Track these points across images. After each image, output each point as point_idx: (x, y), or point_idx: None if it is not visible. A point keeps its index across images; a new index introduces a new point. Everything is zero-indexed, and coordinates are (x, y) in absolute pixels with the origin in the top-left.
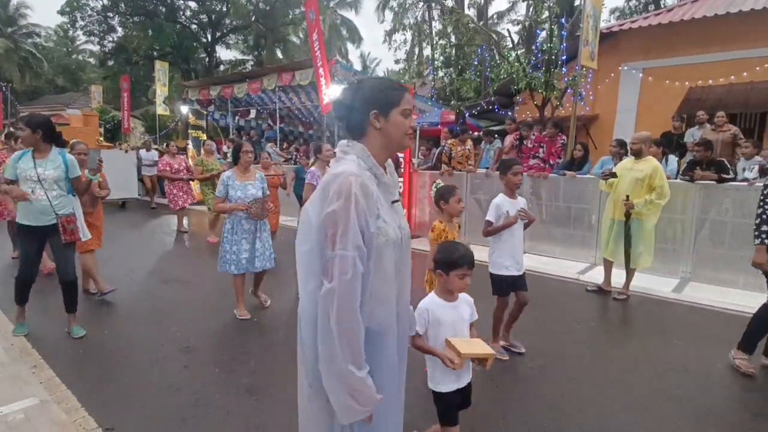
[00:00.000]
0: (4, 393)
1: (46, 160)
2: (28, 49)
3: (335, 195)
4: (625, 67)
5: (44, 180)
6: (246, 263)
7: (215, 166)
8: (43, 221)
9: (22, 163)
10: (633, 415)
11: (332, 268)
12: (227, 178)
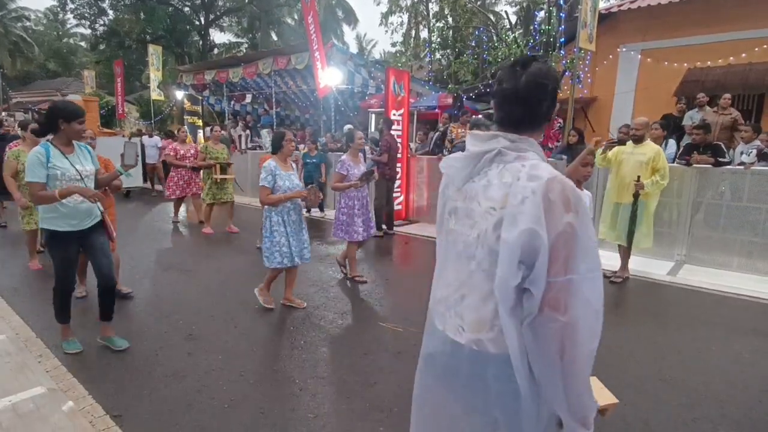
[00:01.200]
0: (12, 382)
1: (75, 154)
2: (18, 33)
3: (562, 205)
4: (623, 49)
5: (87, 177)
6: (295, 257)
7: (221, 154)
8: (87, 223)
9: (56, 160)
10: (626, 397)
11: (567, 296)
12: (274, 168)
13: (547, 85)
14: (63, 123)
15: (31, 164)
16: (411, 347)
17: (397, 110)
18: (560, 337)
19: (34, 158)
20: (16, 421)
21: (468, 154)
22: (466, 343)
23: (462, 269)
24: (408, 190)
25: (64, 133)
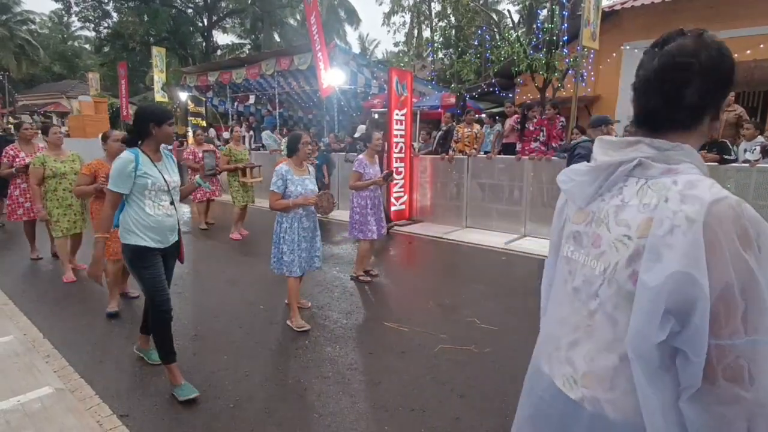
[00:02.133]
0: (20, 382)
1: (163, 162)
2: (23, 37)
3: (737, 240)
4: (627, 47)
5: (174, 189)
6: (305, 264)
7: (244, 155)
8: (169, 240)
9: (146, 168)
10: None
11: (752, 365)
12: (285, 172)
13: (690, 65)
14: (154, 127)
15: (118, 172)
16: (415, 347)
17: (400, 110)
18: (746, 418)
19: (122, 165)
20: (25, 420)
21: (596, 165)
22: (579, 401)
23: (579, 308)
24: (411, 190)
25: (154, 139)
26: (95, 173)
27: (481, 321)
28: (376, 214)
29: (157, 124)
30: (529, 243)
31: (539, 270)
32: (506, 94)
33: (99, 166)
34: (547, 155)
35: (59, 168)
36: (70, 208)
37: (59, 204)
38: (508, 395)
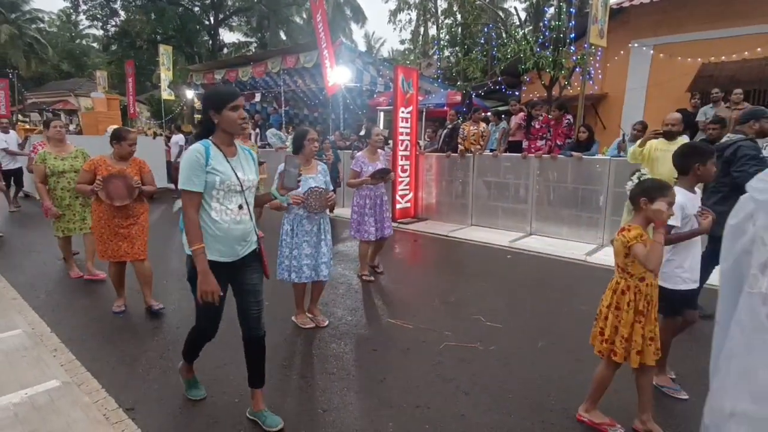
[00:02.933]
0: (28, 376)
1: (238, 157)
2: (32, 35)
3: None
4: (635, 44)
5: (248, 189)
6: (309, 271)
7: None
8: (242, 251)
9: (216, 163)
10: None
11: None
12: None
13: None
14: (214, 114)
15: (189, 165)
16: (420, 344)
17: (406, 108)
18: None
19: (192, 158)
20: (33, 413)
21: None
22: None
23: None
24: (417, 188)
25: (220, 129)
26: (96, 170)
27: (486, 318)
28: (377, 214)
29: (217, 111)
30: (534, 241)
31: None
32: (512, 92)
33: (100, 164)
34: (552, 153)
35: (57, 166)
36: (68, 209)
37: (57, 204)
38: (513, 392)
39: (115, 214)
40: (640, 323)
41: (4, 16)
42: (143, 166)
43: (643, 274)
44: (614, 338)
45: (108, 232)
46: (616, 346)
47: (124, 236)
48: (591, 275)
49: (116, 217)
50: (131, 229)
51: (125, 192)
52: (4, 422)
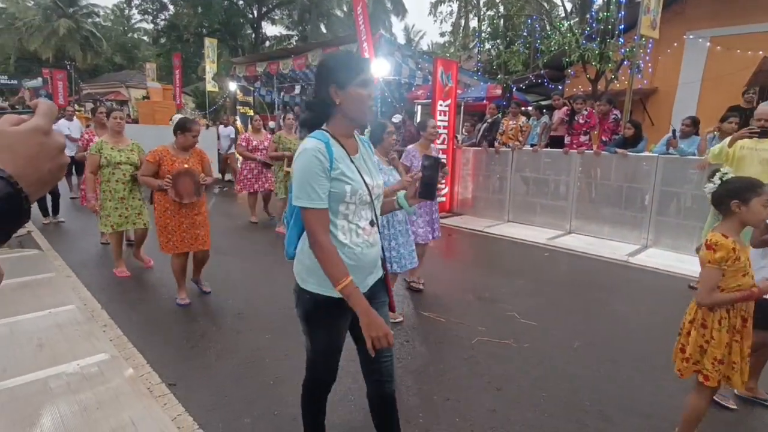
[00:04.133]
0: (80, 348)
1: (360, 154)
2: (88, 29)
3: None
4: (690, 36)
5: (377, 198)
6: (408, 258)
7: (294, 144)
8: (368, 283)
9: (345, 167)
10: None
11: None
12: None
13: None
14: (335, 92)
15: (307, 173)
16: (452, 337)
17: (444, 101)
18: None
19: (312, 161)
20: (84, 383)
21: None
22: None
23: None
24: (453, 183)
25: (341, 114)
26: (160, 161)
27: (520, 316)
28: (428, 215)
29: (340, 86)
30: (573, 240)
31: None
32: (555, 86)
33: (164, 155)
34: (596, 149)
35: (114, 157)
36: (122, 202)
37: (111, 196)
38: (546, 390)
39: (181, 207)
40: (737, 342)
41: (63, 11)
42: (203, 157)
43: (738, 287)
44: (699, 359)
45: (173, 223)
46: (708, 369)
47: (189, 227)
48: (632, 277)
49: (183, 209)
50: (195, 219)
51: (193, 189)
52: (59, 390)
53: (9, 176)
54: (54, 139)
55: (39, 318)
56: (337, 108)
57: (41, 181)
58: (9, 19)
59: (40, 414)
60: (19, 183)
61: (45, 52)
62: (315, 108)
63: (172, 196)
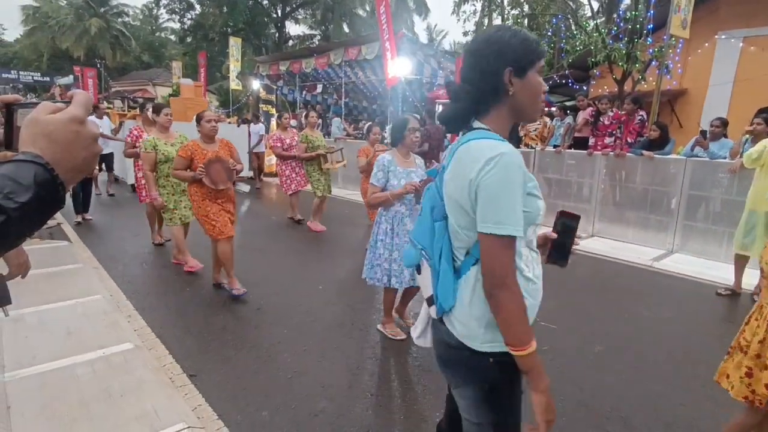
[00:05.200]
0: (106, 337)
1: None
2: (118, 28)
3: None
4: (722, 36)
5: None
6: (409, 275)
7: (321, 141)
8: None
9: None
10: (703, 402)
11: None
12: (388, 163)
13: None
14: (510, 77)
15: (511, 186)
16: None
17: None
18: None
19: (517, 175)
20: (108, 370)
21: None
22: None
23: None
24: None
25: (508, 107)
26: (192, 155)
27: (541, 318)
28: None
29: (519, 71)
30: (596, 243)
31: None
32: (580, 87)
33: (195, 149)
34: (621, 151)
35: (170, 152)
36: (184, 194)
37: (174, 190)
38: (566, 396)
39: (216, 193)
40: None
41: (95, 10)
42: (231, 146)
43: None
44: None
45: (214, 210)
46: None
47: (226, 212)
48: (657, 282)
49: (218, 197)
50: (228, 206)
51: (225, 175)
52: (85, 377)
53: (46, 163)
54: (89, 129)
55: (67, 307)
56: (505, 98)
57: (76, 168)
58: (42, 18)
59: (69, 399)
60: (56, 170)
61: (76, 50)
62: (467, 98)
63: (207, 184)
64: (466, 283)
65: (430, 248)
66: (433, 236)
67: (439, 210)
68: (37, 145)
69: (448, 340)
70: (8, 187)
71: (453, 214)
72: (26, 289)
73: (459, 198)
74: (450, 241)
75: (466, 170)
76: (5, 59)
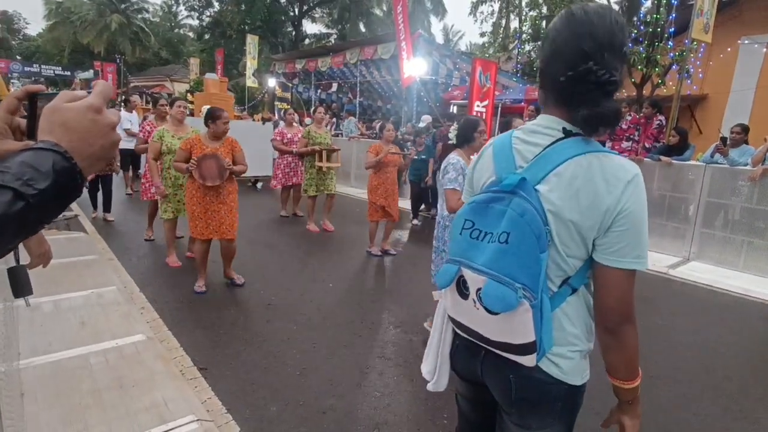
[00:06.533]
0: (119, 328)
1: None
2: (138, 24)
3: None
4: (745, 41)
5: None
6: None
7: (324, 139)
8: None
9: None
10: (718, 413)
11: None
12: (463, 166)
13: None
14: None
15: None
16: None
17: (482, 101)
18: None
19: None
20: (121, 361)
21: None
22: None
23: None
24: None
25: None
26: (191, 149)
27: None
28: None
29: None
30: None
31: None
32: None
33: (195, 143)
34: (638, 156)
35: (174, 144)
36: (181, 189)
37: (171, 183)
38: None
39: (206, 193)
40: None
41: (116, 6)
42: (235, 145)
43: None
44: None
45: (199, 209)
46: None
47: (214, 214)
48: (672, 289)
49: (207, 196)
50: (221, 208)
51: (217, 172)
52: (98, 366)
53: (65, 151)
54: (106, 117)
55: (82, 297)
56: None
57: (94, 156)
58: (65, 13)
59: (81, 387)
60: (74, 158)
61: (97, 45)
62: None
63: (196, 177)
64: (565, 317)
65: (535, 285)
66: (539, 271)
67: (544, 238)
68: (55, 133)
69: (539, 377)
70: (27, 174)
71: (563, 242)
72: (43, 279)
73: (581, 224)
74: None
75: (598, 193)
76: (28, 53)
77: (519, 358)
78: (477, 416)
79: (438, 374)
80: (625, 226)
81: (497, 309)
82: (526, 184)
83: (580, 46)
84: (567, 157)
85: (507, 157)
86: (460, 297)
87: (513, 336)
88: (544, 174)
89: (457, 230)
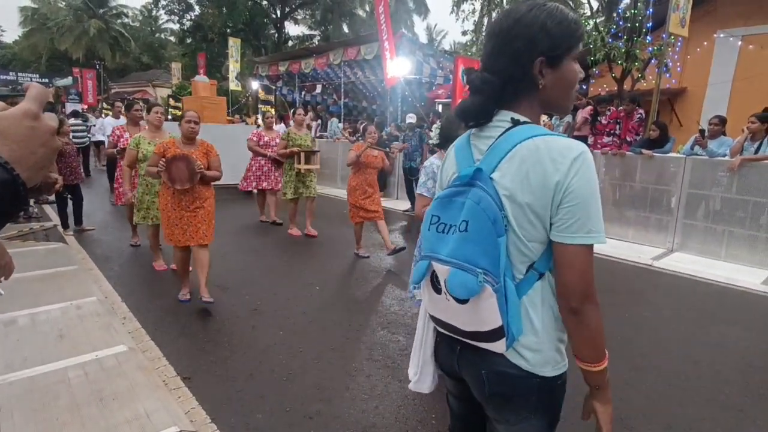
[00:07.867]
0: (99, 340)
1: None
2: (117, 29)
3: None
4: (721, 35)
5: None
6: None
7: (304, 141)
8: None
9: None
10: (703, 404)
11: None
12: (437, 169)
13: None
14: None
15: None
16: None
17: None
18: None
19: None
20: (101, 373)
21: None
22: None
23: None
24: None
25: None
26: (165, 153)
27: None
28: None
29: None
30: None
31: None
32: (580, 86)
33: (169, 146)
34: (620, 149)
35: (150, 151)
36: (158, 196)
37: (148, 190)
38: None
39: (181, 198)
40: None
41: (94, 12)
42: (210, 150)
43: None
44: None
45: (174, 215)
46: None
47: (188, 220)
48: (657, 281)
49: (182, 201)
50: (197, 213)
51: (187, 175)
52: (77, 380)
53: (5, 162)
54: (44, 123)
55: (60, 309)
56: (534, 90)
57: (37, 165)
58: (41, 19)
59: (59, 402)
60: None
61: (75, 51)
62: (489, 88)
63: (165, 180)
64: (531, 305)
65: (495, 269)
66: (498, 254)
67: (500, 222)
68: None
69: (509, 371)
70: None
71: (521, 225)
72: (19, 292)
73: (534, 204)
74: (509, 257)
75: (546, 172)
76: (4, 60)
77: (490, 346)
78: (466, 413)
79: (420, 375)
80: (573, 201)
81: (461, 295)
82: (482, 173)
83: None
84: (515, 142)
85: (466, 152)
86: (435, 292)
87: (481, 324)
88: (497, 162)
89: (426, 226)
